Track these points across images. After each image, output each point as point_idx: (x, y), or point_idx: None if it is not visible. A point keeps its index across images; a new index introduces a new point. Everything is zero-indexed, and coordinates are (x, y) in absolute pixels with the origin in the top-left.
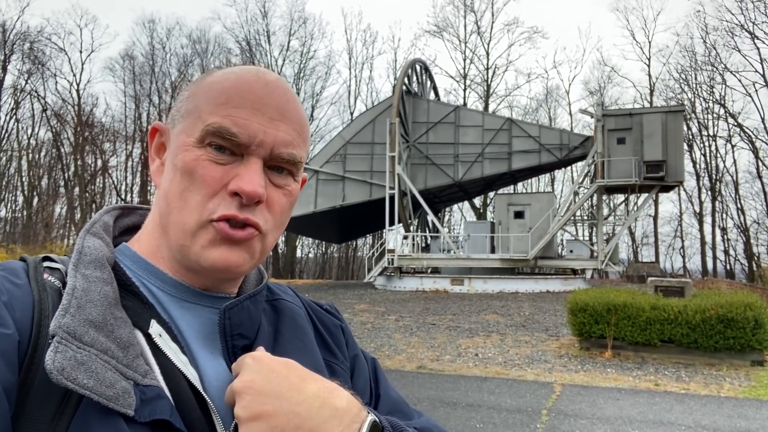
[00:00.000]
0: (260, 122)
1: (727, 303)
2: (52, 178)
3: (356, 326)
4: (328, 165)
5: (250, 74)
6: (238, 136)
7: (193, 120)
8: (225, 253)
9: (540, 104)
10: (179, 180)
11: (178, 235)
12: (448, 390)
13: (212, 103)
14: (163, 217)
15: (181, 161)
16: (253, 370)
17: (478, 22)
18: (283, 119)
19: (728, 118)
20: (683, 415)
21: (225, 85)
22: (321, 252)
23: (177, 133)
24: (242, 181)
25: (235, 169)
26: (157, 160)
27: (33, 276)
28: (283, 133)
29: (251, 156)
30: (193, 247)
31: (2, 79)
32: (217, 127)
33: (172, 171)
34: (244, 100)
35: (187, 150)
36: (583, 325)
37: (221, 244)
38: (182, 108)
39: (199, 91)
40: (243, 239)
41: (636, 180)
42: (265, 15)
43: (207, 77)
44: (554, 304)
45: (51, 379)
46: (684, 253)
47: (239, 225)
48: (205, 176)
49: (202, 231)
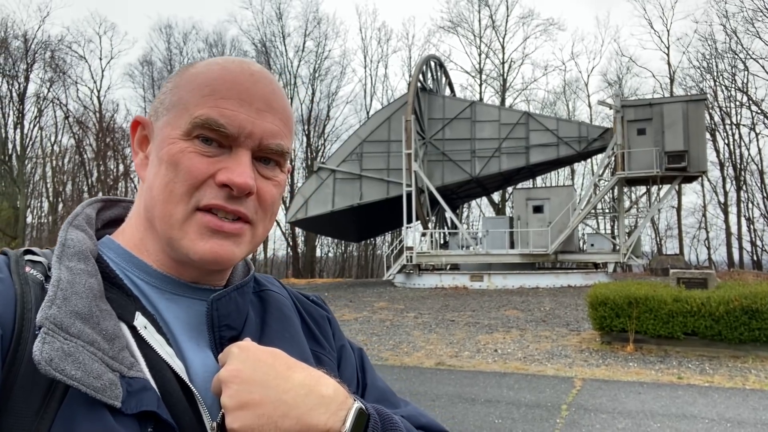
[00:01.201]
0: (248, 114)
1: (751, 294)
2: (75, 183)
3: (375, 324)
4: (344, 164)
5: (234, 65)
6: (226, 127)
7: (178, 112)
8: (215, 246)
9: (558, 97)
10: (164, 172)
11: (165, 227)
12: (467, 386)
13: (198, 95)
14: (148, 210)
15: (166, 154)
16: (239, 359)
17: (492, 16)
18: (269, 110)
19: (751, 105)
20: (707, 408)
21: (210, 77)
22: (340, 251)
23: (161, 126)
24: (232, 173)
25: (223, 161)
26: (140, 153)
27: (14, 269)
28: (270, 124)
29: (240, 148)
30: (182, 239)
31: (25, 88)
32: (204, 119)
33: (157, 164)
34: (231, 91)
35: (173, 143)
36: (604, 319)
37: (211, 236)
38: (165, 100)
39: (182, 82)
40: (233, 232)
41: (657, 171)
42: (281, 16)
43: (189, 68)
44: (575, 298)
45: (39, 369)
46: (709, 244)
47: (228, 217)
48: (191, 168)
49: (189, 222)
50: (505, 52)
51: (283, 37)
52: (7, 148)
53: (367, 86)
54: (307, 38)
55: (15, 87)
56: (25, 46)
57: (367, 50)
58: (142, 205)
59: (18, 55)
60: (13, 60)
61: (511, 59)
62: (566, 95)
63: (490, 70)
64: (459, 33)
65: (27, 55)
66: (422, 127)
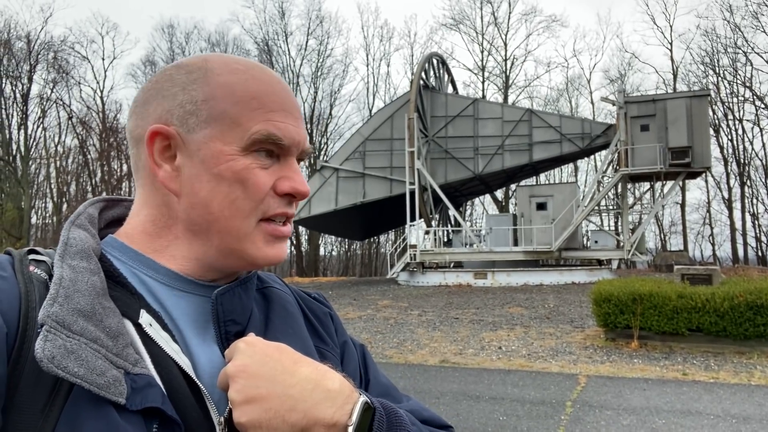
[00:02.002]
0: (293, 123)
1: (756, 290)
2: (79, 184)
3: (379, 322)
4: (347, 162)
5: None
6: (283, 140)
7: (227, 127)
8: (279, 250)
9: (561, 94)
10: (227, 189)
11: (231, 240)
12: (471, 383)
13: (246, 109)
14: (196, 224)
15: (228, 170)
16: (246, 354)
17: (494, 13)
18: (300, 117)
19: (755, 100)
20: (712, 404)
21: (249, 88)
22: (344, 249)
23: (204, 140)
24: (295, 182)
25: (278, 170)
26: (165, 165)
27: (19, 268)
28: (303, 130)
29: (290, 156)
30: (249, 249)
31: (29, 89)
32: (266, 135)
33: (213, 180)
34: (275, 103)
35: (234, 159)
36: (608, 316)
37: (275, 242)
38: (200, 112)
39: (217, 93)
40: (289, 234)
41: (661, 167)
42: (283, 15)
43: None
44: (579, 295)
45: (42, 367)
46: (713, 240)
47: (281, 220)
48: (258, 183)
49: (256, 232)
50: (507, 49)
51: (285, 35)
52: (11, 149)
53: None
54: (309, 37)
55: (18, 88)
56: (28, 47)
57: (369, 48)
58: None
59: (21, 56)
60: (16, 61)
61: (514, 56)
62: (569, 92)
63: (492, 67)
64: (461, 30)
65: (30, 56)
66: (425, 125)
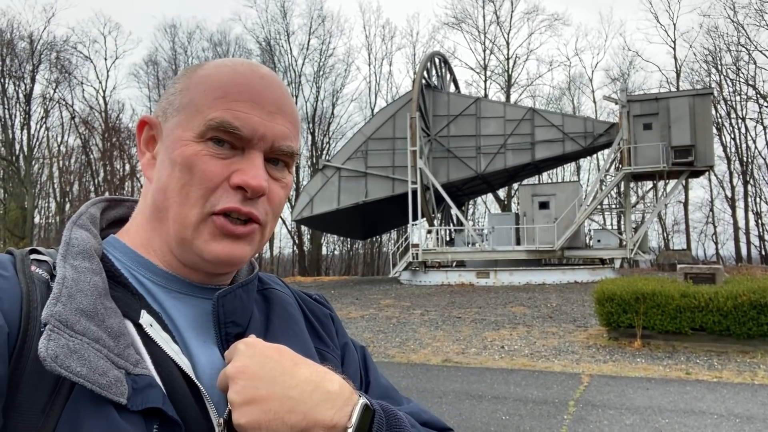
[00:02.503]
0: (260, 116)
1: (760, 288)
2: (82, 183)
3: (382, 321)
4: (350, 162)
5: (244, 67)
6: (240, 129)
7: (190, 114)
8: (228, 247)
9: (563, 92)
10: (179, 174)
11: (178, 228)
12: (474, 383)
13: (210, 97)
14: (159, 211)
15: (180, 156)
16: (246, 356)
17: (497, 12)
18: (280, 112)
19: (759, 98)
20: (715, 403)
21: (221, 79)
22: (346, 249)
23: (172, 127)
24: (247, 176)
25: (236, 163)
26: (147, 153)
27: (20, 268)
28: (281, 126)
29: (253, 150)
30: (195, 240)
31: (31, 89)
32: (219, 121)
33: (169, 165)
34: (243, 93)
35: (186, 145)
36: (611, 315)
37: (224, 237)
38: (175, 101)
39: (192, 84)
40: (245, 234)
41: (664, 166)
42: (285, 15)
43: (198, 69)
44: (582, 294)
45: (45, 366)
46: (717, 239)
47: (241, 219)
48: (206, 170)
49: (204, 225)
50: (509, 48)
51: (287, 35)
52: (14, 149)
53: (371, 84)
54: (311, 36)
55: (21, 88)
56: (30, 47)
57: (371, 48)
58: (150, 206)
59: (24, 56)
60: (19, 61)
61: (516, 55)
62: (571, 91)
63: (494, 66)
64: (463, 29)
65: (33, 56)
66: (427, 124)
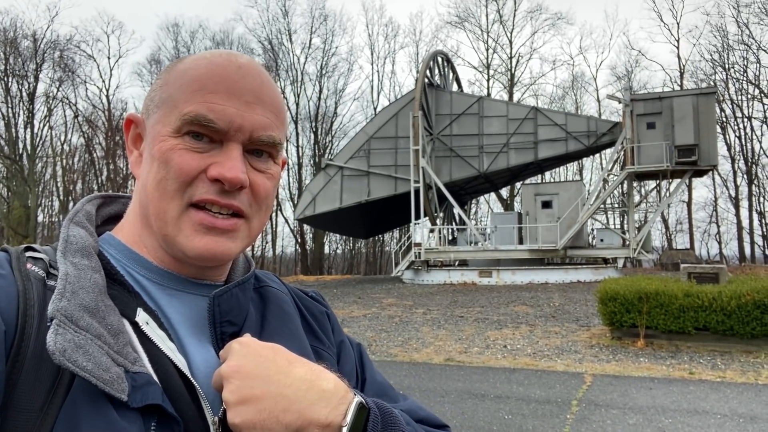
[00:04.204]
0: (236, 107)
1: (763, 288)
2: (86, 182)
3: (384, 320)
4: (352, 161)
5: (221, 58)
6: (215, 122)
7: (168, 109)
8: (210, 242)
9: (566, 91)
10: (156, 169)
11: (160, 224)
12: (476, 382)
13: (186, 91)
14: (143, 207)
15: (158, 151)
16: (240, 355)
17: (500, 11)
18: (258, 102)
19: (763, 98)
20: (719, 403)
21: (197, 72)
22: (348, 248)
23: (152, 124)
24: (223, 168)
25: (214, 156)
26: (135, 151)
27: (16, 266)
28: (260, 116)
29: (230, 142)
30: (177, 236)
31: (35, 88)
32: (193, 115)
33: (150, 161)
34: (218, 85)
35: (164, 140)
36: (614, 315)
37: (206, 232)
38: (155, 98)
39: (171, 79)
40: (227, 228)
41: (667, 165)
42: (286, 14)
43: (178, 64)
44: (585, 294)
45: (53, 360)
46: (720, 239)
47: (222, 212)
48: (182, 164)
49: (184, 219)
50: (512, 47)
51: (289, 34)
52: (17, 148)
53: (374, 83)
54: (313, 35)
55: (25, 87)
56: (34, 45)
57: (374, 46)
58: (138, 203)
59: (27, 55)
60: (22, 60)
61: (519, 54)
62: (574, 90)
63: (497, 65)
64: (466, 28)
65: (36, 55)
66: (430, 123)
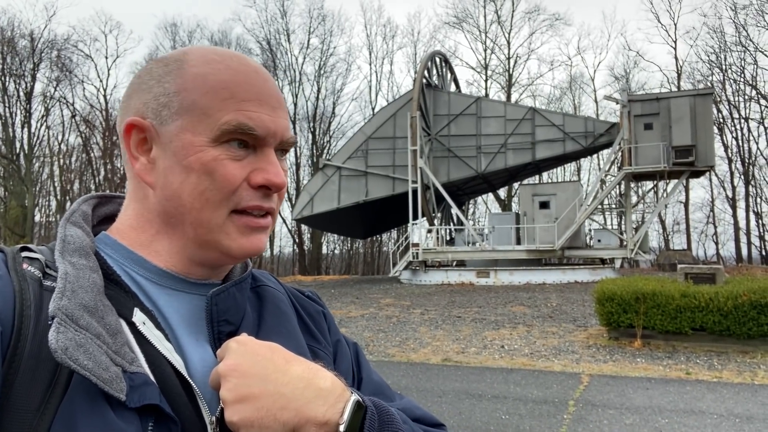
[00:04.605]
0: (268, 113)
1: (760, 288)
2: (83, 182)
3: (382, 320)
4: (350, 161)
5: (236, 63)
6: (255, 130)
7: (196, 118)
8: (255, 240)
9: (564, 92)
10: (196, 180)
11: (203, 232)
12: (474, 382)
13: (216, 99)
14: (171, 217)
15: (197, 162)
16: (237, 354)
17: (498, 11)
18: (280, 106)
19: (760, 99)
20: (715, 403)
21: (221, 78)
22: (346, 248)
23: (175, 132)
24: (269, 174)
25: (253, 162)
26: (141, 158)
27: (12, 266)
28: (283, 120)
29: (266, 147)
30: (223, 240)
31: (32, 87)
32: (235, 125)
33: (182, 172)
34: (249, 93)
35: (202, 150)
36: (611, 315)
37: (251, 233)
38: (171, 104)
39: (189, 84)
40: (267, 226)
41: (665, 166)
42: (285, 14)
43: (187, 67)
44: (582, 294)
45: (56, 358)
46: (717, 239)
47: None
48: (227, 175)
49: (228, 224)
50: (510, 48)
51: (287, 34)
52: (14, 147)
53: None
54: (311, 35)
55: (22, 86)
56: (31, 45)
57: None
58: (158, 210)
59: (25, 55)
60: (20, 59)
61: (517, 55)
62: (572, 90)
63: (495, 65)
64: (464, 29)
65: (34, 55)
66: (428, 124)
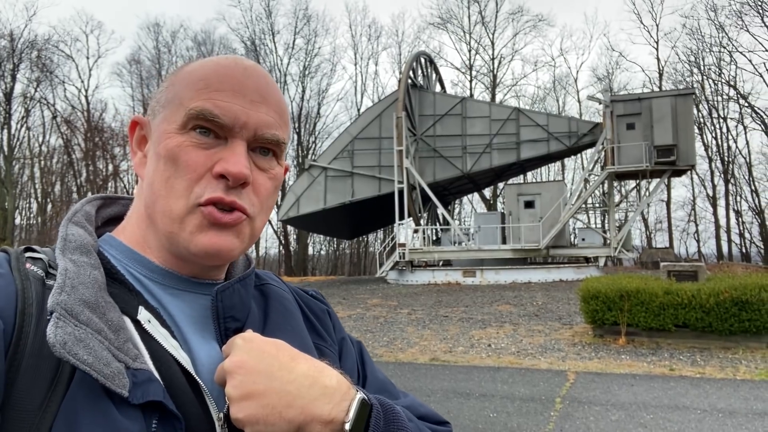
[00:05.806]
0: (242, 104)
1: (741, 285)
2: (64, 184)
3: (369, 321)
4: (336, 161)
5: (228, 60)
6: (220, 117)
7: (174, 108)
8: (214, 238)
9: (548, 93)
10: (163, 167)
11: (165, 222)
12: (462, 381)
13: (192, 89)
14: (149, 206)
15: (164, 148)
16: (243, 350)
17: (482, 12)
18: (263, 101)
19: (739, 99)
20: (699, 399)
21: (204, 72)
22: (333, 249)
23: (158, 123)
24: (228, 163)
25: (220, 152)
26: (139, 153)
27: (15, 266)
28: (264, 114)
29: (235, 138)
30: (181, 233)
31: (12, 88)
32: (199, 110)
33: (155, 160)
34: (224, 83)
35: (169, 137)
36: (596, 313)
37: (209, 228)
38: (162, 98)
39: (177, 80)
40: (231, 223)
41: (647, 165)
42: (270, 14)
43: (185, 67)
44: (567, 292)
45: (54, 352)
46: (698, 237)
47: (226, 209)
48: (189, 161)
49: (190, 216)
50: (494, 49)
51: (272, 34)
52: None
53: (357, 83)
54: (296, 36)
55: (1, 87)
56: (11, 45)
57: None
58: (143, 203)
59: (4, 55)
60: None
61: (501, 55)
62: (556, 91)
63: (480, 66)
64: (449, 29)
65: (13, 55)
66: (413, 124)
